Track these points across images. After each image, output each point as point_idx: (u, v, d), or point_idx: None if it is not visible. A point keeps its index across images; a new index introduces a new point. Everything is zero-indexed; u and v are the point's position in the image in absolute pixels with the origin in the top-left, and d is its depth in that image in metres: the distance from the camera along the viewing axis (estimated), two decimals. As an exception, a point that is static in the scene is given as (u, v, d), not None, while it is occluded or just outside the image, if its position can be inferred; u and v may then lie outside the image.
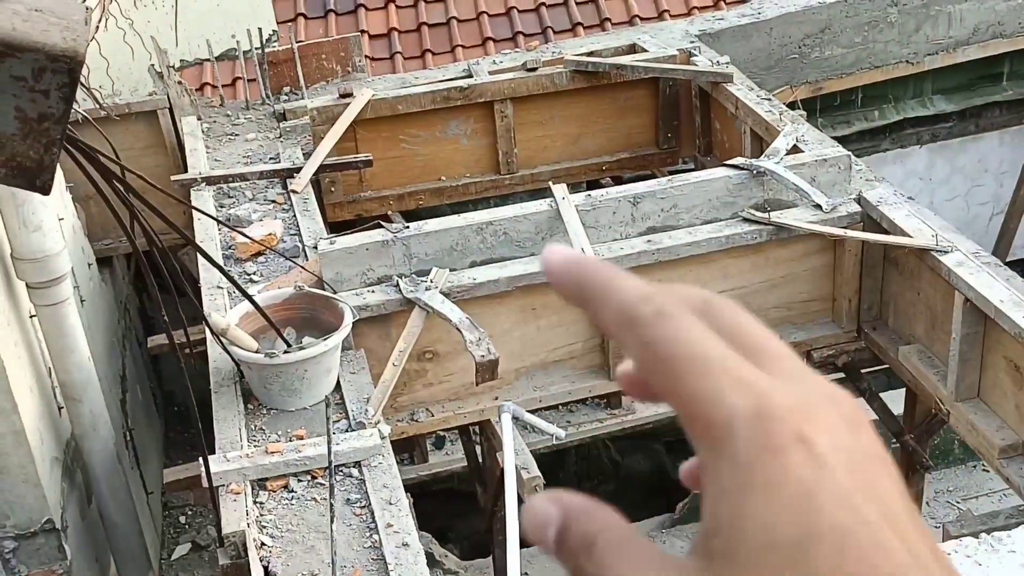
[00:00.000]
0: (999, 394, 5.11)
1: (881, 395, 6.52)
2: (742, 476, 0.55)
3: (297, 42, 7.52)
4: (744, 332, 0.60)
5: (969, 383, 5.19)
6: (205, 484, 4.29)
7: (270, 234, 5.72)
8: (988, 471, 8.17)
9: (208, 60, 7.73)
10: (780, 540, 0.53)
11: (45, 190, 2.37)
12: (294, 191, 6.24)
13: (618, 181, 7.20)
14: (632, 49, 7.55)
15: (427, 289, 5.12)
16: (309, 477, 4.35)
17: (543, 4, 9.78)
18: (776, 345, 0.60)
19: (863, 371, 6.41)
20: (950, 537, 5.32)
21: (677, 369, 0.57)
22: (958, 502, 8.10)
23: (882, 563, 0.53)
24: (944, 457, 8.29)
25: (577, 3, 9.79)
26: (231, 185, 6.41)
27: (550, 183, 5.74)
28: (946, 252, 5.20)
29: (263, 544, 4.07)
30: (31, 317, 5.02)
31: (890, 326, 5.82)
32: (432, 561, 7.02)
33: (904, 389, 6.22)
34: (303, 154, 6.66)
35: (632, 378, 0.63)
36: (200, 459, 4.31)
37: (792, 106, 7.23)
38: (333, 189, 6.93)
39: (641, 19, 9.50)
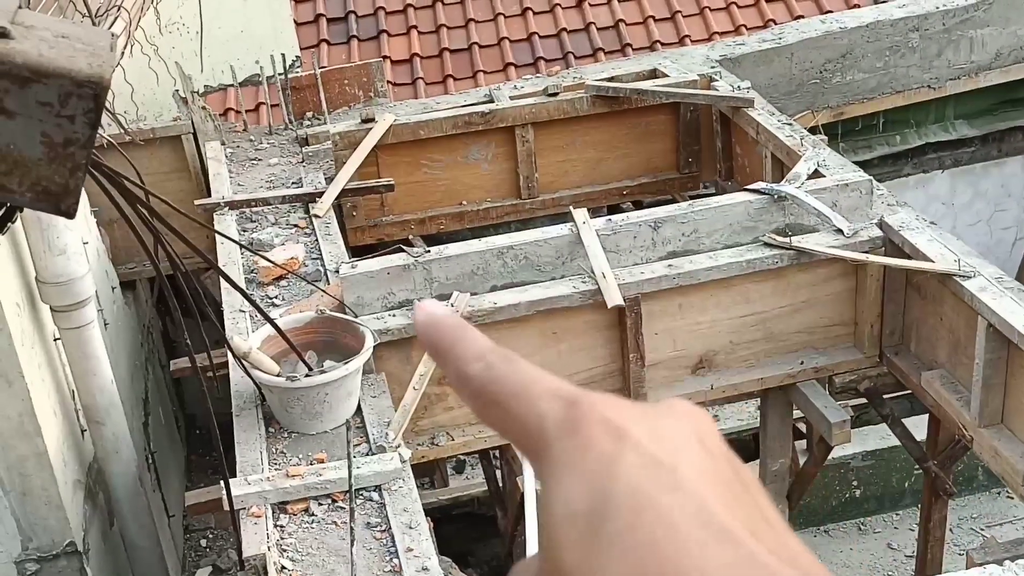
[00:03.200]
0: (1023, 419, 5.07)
1: (904, 421, 6.48)
2: (553, 467, 0.55)
3: (320, 68, 7.57)
4: None
5: (993, 409, 5.15)
6: (226, 507, 4.29)
7: (292, 258, 5.74)
8: (1012, 498, 8.10)
9: (232, 86, 7.79)
10: (578, 511, 0.53)
11: (70, 214, 2.40)
12: (316, 215, 6.27)
13: (639, 205, 7.20)
14: (653, 74, 7.57)
15: (448, 313, 5.12)
16: (330, 500, 4.35)
17: (564, 30, 9.82)
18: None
19: (885, 396, 6.37)
20: (974, 565, 5.27)
21: (503, 405, 0.59)
22: (982, 529, 8.02)
23: (683, 525, 0.51)
24: (968, 483, 8.23)
25: (598, 29, 9.83)
26: (254, 209, 6.44)
27: (571, 207, 5.75)
28: (969, 277, 5.16)
29: (283, 568, 4.06)
30: (55, 340, 5.06)
31: (912, 351, 5.78)
32: (452, 586, 6.99)
33: (927, 415, 6.18)
34: (325, 179, 6.69)
35: None
36: (221, 482, 4.32)
37: (813, 131, 7.22)
38: (355, 213, 6.95)
39: (662, 44, 9.53)
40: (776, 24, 9.16)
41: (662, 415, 0.57)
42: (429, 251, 5.39)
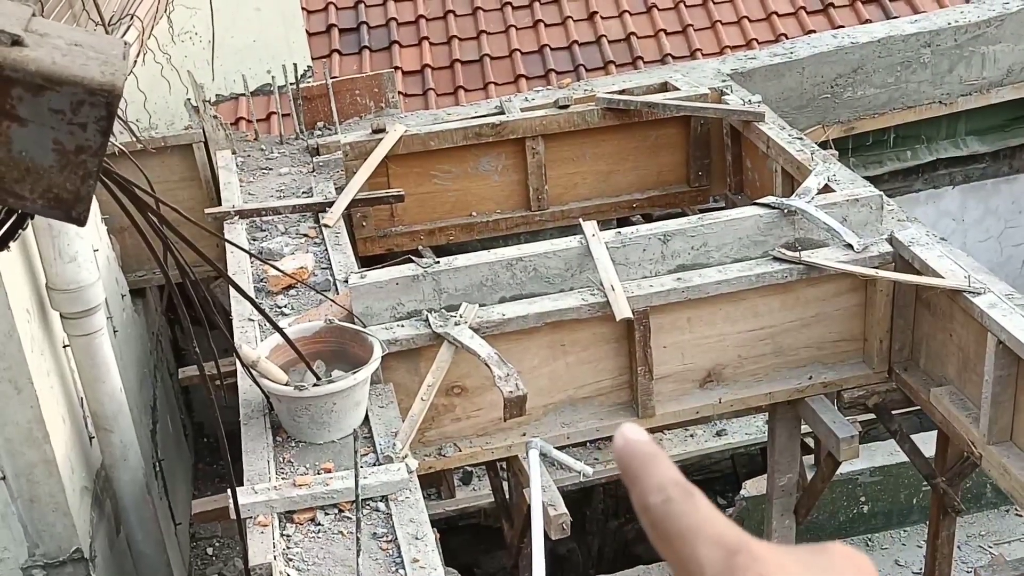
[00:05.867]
0: (1032, 437, 5.05)
1: (912, 437, 6.47)
2: None
3: (331, 78, 7.60)
4: None
5: (1002, 426, 5.13)
6: (233, 516, 4.29)
7: (301, 267, 5.75)
8: (1021, 515, 8.08)
9: (243, 95, 7.82)
10: None
11: (81, 222, 2.41)
12: (326, 225, 6.29)
13: (648, 218, 7.21)
14: (664, 87, 7.58)
15: (456, 324, 5.13)
16: (336, 510, 4.35)
17: (576, 42, 9.85)
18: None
19: (894, 412, 6.36)
20: (982, 582, 5.25)
21: (672, 542, 0.64)
22: (990, 546, 8.00)
23: None
24: (976, 501, 8.20)
25: (609, 41, 9.85)
26: (264, 218, 6.46)
27: (580, 220, 5.75)
28: (979, 293, 5.16)
29: (289, 577, 4.06)
30: (64, 347, 5.07)
31: (921, 367, 5.77)
32: (458, 597, 6.98)
33: (936, 431, 6.17)
34: (335, 188, 6.71)
35: None
36: (228, 491, 4.32)
37: (824, 145, 7.22)
38: (364, 223, 6.97)
39: (673, 58, 9.55)
40: (788, 39, 9.18)
41: (823, 570, 0.60)
42: (438, 262, 5.39)
